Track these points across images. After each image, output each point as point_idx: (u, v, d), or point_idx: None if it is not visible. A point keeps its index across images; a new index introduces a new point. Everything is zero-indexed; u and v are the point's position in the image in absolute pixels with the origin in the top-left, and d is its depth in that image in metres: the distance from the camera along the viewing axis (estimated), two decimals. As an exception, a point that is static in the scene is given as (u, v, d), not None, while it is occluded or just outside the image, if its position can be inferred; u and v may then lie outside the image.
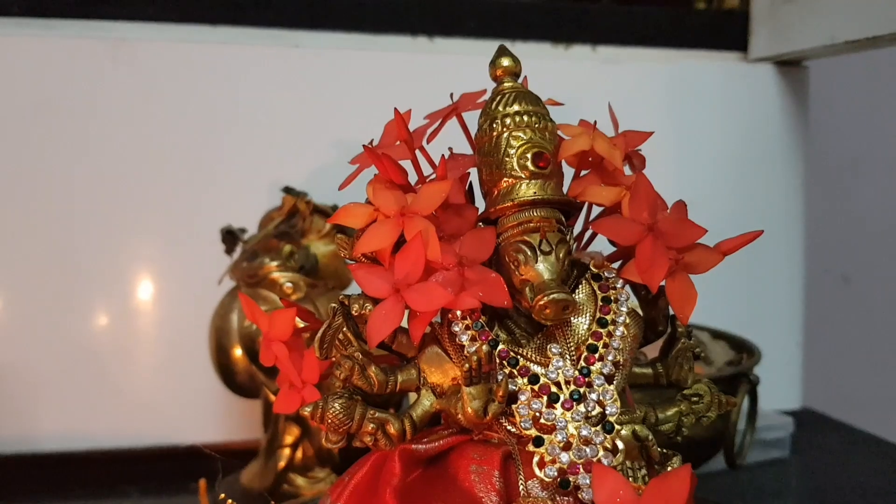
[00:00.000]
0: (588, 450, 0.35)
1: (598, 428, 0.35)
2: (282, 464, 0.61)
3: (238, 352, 0.61)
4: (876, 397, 1.06)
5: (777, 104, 0.86)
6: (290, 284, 0.59)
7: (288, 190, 0.62)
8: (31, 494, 0.66)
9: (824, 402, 0.89)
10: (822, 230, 0.96)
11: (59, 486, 0.68)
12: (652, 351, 0.42)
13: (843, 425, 0.84)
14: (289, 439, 0.61)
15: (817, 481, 0.72)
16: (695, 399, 0.40)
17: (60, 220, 0.72)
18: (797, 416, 0.78)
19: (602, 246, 0.42)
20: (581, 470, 0.34)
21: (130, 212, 0.73)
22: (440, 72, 0.76)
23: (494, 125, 0.38)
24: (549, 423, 0.35)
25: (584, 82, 0.80)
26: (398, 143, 0.42)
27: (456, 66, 0.76)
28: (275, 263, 0.59)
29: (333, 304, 0.38)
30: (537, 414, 0.35)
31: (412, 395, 0.39)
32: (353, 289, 0.47)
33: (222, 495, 0.51)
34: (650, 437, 0.36)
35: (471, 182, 0.42)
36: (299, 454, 0.61)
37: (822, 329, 0.96)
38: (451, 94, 0.45)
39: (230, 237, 0.63)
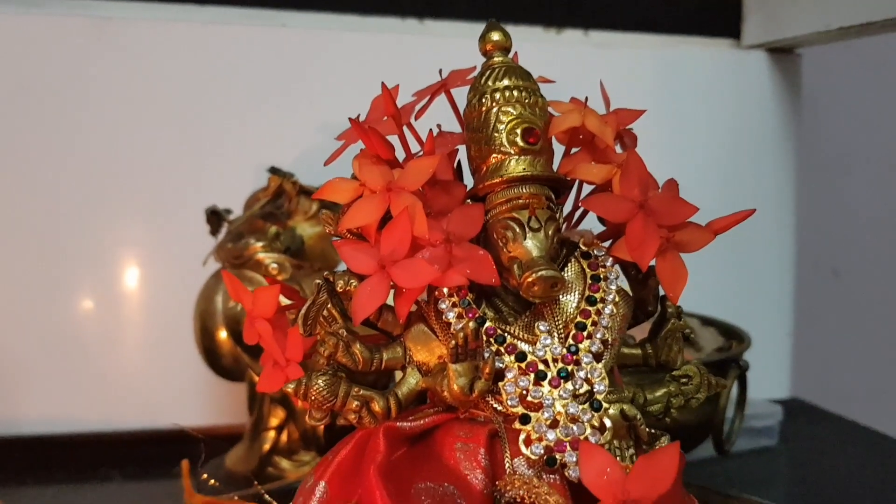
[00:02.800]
0: (575, 427, 0.34)
1: (586, 406, 0.35)
2: (266, 447, 0.60)
3: (223, 334, 0.61)
4: (863, 388, 1.06)
5: (769, 92, 0.85)
6: (275, 265, 0.59)
7: (274, 170, 0.62)
8: (14, 477, 0.66)
9: (812, 391, 0.89)
10: (812, 222, 0.96)
11: (42, 470, 0.68)
12: (640, 333, 0.42)
13: (830, 415, 0.84)
14: (274, 422, 0.60)
15: (805, 470, 0.72)
16: (684, 380, 0.39)
17: (43, 202, 0.71)
18: (786, 406, 0.78)
19: (591, 225, 0.41)
20: (568, 448, 0.34)
21: (114, 193, 0.72)
22: (430, 54, 0.75)
23: (484, 100, 0.38)
24: (535, 401, 0.35)
25: (576, 67, 0.79)
26: (385, 118, 0.41)
27: (446, 48, 0.75)
28: (260, 244, 0.59)
29: (318, 281, 0.37)
30: (524, 391, 0.35)
31: (398, 375, 0.39)
32: (340, 270, 0.46)
33: (205, 476, 0.50)
34: (639, 416, 0.36)
35: (459, 160, 0.41)
36: (284, 437, 0.60)
37: (811, 320, 0.96)
38: (440, 71, 0.44)
39: (215, 218, 0.62)
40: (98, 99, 0.72)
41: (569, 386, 0.35)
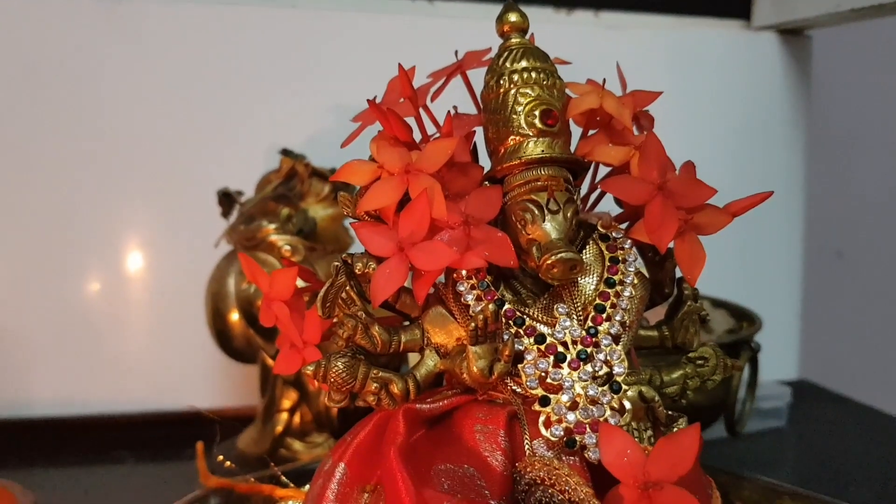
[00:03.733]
0: (595, 409, 0.34)
1: (605, 388, 0.35)
2: (279, 428, 0.60)
3: (235, 316, 0.61)
4: (870, 369, 1.07)
5: (779, 74, 0.85)
6: (288, 247, 0.59)
7: (286, 152, 0.62)
8: (25, 460, 0.66)
9: (820, 373, 0.89)
10: (819, 203, 0.96)
11: (53, 452, 0.68)
12: (654, 316, 0.42)
13: (838, 396, 0.84)
14: (286, 404, 0.60)
15: (813, 451, 0.72)
16: (700, 362, 0.39)
17: (54, 184, 0.71)
18: (794, 387, 0.78)
19: (608, 207, 0.41)
20: (588, 429, 0.34)
21: (126, 173, 0.72)
22: (439, 35, 0.75)
23: (502, 81, 0.38)
24: (555, 383, 0.35)
25: (586, 48, 0.78)
26: (402, 100, 0.41)
27: (456, 30, 0.75)
28: (273, 226, 0.59)
29: (336, 263, 0.37)
30: (543, 374, 0.35)
31: (412, 359, 0.39)
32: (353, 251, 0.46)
33: (220, 457, 0.50)
34: (657, 398, 0.36)
35: (475, 142, 0.41)
36: (297, 419, 0.61)
37: (818, 302, 0.96)
38: (456, 52, 0.44)
39: (227, 200, 0.62)
40: (108, 80, 0.71)
41: (588, 368, 0.35)
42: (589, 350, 0.35)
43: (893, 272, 1.08)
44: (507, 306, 0.36)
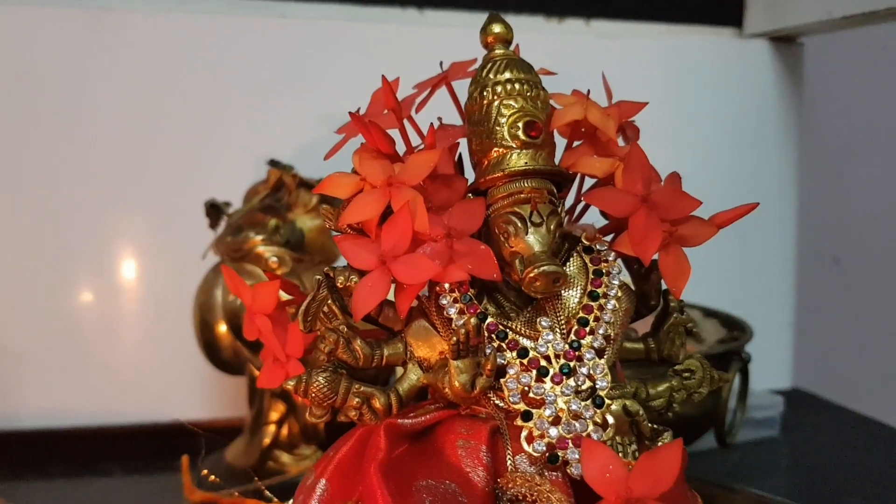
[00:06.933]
0: (577, 424, 0.34)
1: (588, 402, 0.35)
2: (267, 441, 0.60)
3: (222, 328, 0.61)
4: (864, 378, 1.06)
5: (771, 81, 0.85)
6: (275, 259, 0.58)
7: (274, 163, 0.61)
8: (13, 472, 0.65)
9: (813, 382, 0.89)
10: (813, 210, 0.96)
11: (41, 464, 0.67)
12: (643, 328, 0.42)
13: (832, 405, 0.84)
14: (274, 416, 0.60)
15: (806, 460, 0.71)
16: (686, 375, 0.39)
17: (43, 194, 0.71)
18: (787, 396, 0.78)
19: (593, 219, 0.41)
20: (570, 444, 0.34)
21: (114, 185, 0.72)
22: (430, 44, 0.75)
23: (485, 93, 0.38)
24: (537, 398, 0.34)
25: (578, 57, 0.78)
26: (386, 111, 0.41)
27: (446, 38, 0.75)
28: (260, 237, 0.59)
29: (318, 276, 0.37)
30: (526, 388, 0.35)
31: (398, 371, 0.39)
32: (340, 263, 0.46)
33: (205, 472, 0.50)
34: (641, 412, 0.36)
35: (460, 153, 0.41)
36: (285, 431, 0.60)
37: (811, 310, 0.96)
38: (441, 63, 0.44)
39: (214, 211, 0.62)
40: (96, 91, 0.71)
41: (571, 382, 0.35)
42: (572, 364, 0.35)
43: (887, 279, 1.08)
44: (489, 320, 0.36)
